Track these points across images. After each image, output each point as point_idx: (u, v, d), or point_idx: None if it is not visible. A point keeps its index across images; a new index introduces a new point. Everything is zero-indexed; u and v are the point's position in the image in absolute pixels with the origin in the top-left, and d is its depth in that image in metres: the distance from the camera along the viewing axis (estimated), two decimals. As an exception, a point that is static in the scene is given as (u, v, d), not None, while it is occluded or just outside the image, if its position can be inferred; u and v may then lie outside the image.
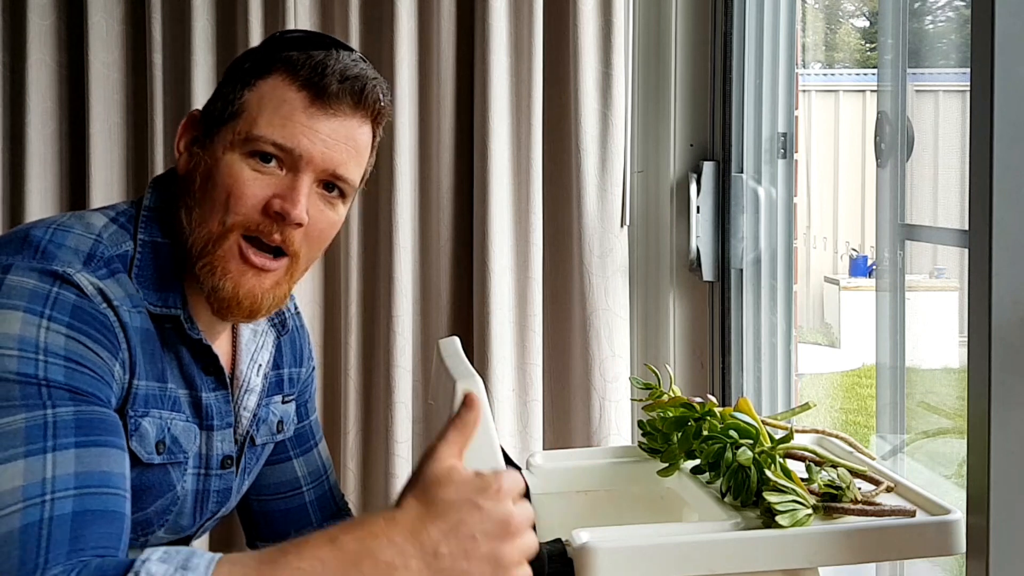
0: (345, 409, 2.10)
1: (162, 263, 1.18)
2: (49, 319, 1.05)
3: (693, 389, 2.01)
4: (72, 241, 1.13)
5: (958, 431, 1.75)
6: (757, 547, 1.10)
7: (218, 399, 1.26)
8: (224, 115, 1.19)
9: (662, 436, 1.33)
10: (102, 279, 1.11)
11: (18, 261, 1.08)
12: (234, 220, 1.16)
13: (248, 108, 1.17)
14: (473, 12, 2.05)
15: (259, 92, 1.18)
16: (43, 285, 1.06)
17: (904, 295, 1.62)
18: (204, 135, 1.21)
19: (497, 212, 2.00)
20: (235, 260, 1.17)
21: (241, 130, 1.17)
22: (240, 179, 1.15)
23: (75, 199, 2.23)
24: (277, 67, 1.19)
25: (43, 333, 1.04)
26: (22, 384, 1.01)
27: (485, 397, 1.15)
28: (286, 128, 1.16)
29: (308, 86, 1.17)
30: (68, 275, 1.08)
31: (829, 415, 4.43)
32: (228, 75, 1.23)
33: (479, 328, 2.02)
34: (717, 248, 1.99)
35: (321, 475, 1.48)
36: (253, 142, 1.16)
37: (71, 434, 1.00)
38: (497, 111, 1.99)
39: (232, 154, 1.16)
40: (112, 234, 1.17)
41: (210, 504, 1.30)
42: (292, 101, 1.17)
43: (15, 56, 2.20)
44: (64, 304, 1.06)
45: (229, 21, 2.16)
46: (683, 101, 2.03)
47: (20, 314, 1.04)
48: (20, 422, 0.99)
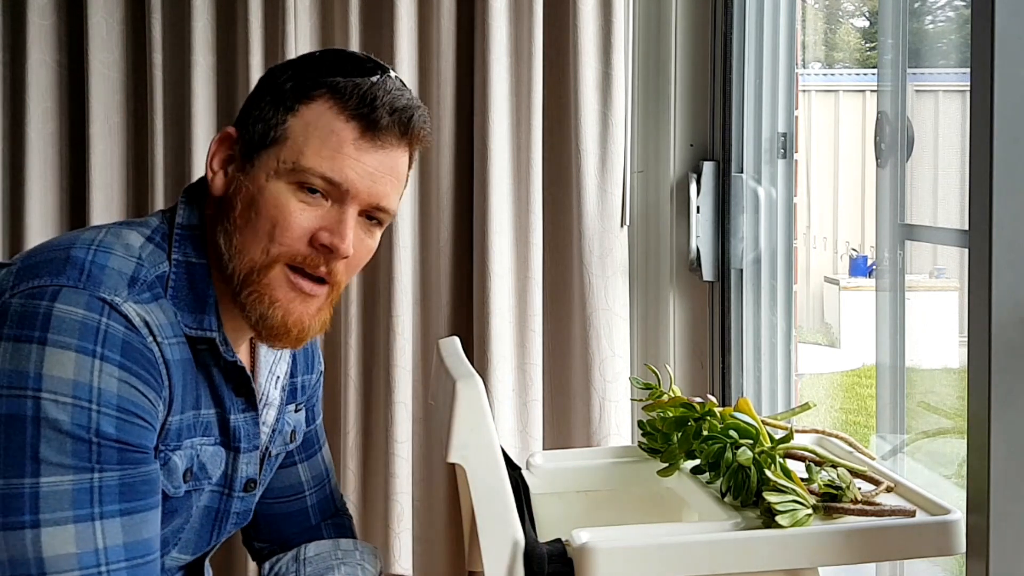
0: (345, 409, 2.10)
1: (197, 284, 1.17)
2: (102, 359, 1.04)
3: (693, 389, 2.01)
4: (115, 263, 1.11)
5: (958, 431, 1.75)
6: (757, 547, 1.10)
7: (247, 421, 1.25)
8: (266, 140, 1.16)
9: (662, 436, 1.33)
10: (146, 303, 1.10)
11: (65, 285, 1.06)
12: (280, 251, 1.15)
13: (293, 136, 1.15)
14: (473, 12, 2.05)
15: (304, 119, 1.15)
16: (92, 315, 1.05)
17: (904, 295, 1.62)
18: (243, 157, 1.18)
19: (497, 212, 2.00)
20: (283, 288, 1.16)
21: (287, 159, 1.15)
22: (287, 210, 1.14)
23: (75, 199, 2.23)
24: (322, 92, 1.16)
25: (96, 377, 1.03)
26: (74, 440, 1.02)
27: (484, 396, 1.15)
28: (335, 161, 1.14)
29: (358, 118, 1.15)
30: (116, 304, 1.07)
31: (829, 415, 4.43)
32: (263, 93, 1.20)
33: (479, 328, 2.02)
34: (717, 248, 1.99)
35: (323, 479, 1.48)
36: (300, 173, 1.14)
37: (116, 500, 1.03)
38: (497, 111, 1.99)
39: (277, 183, 1.15)
40: (150, 254, 1.15)
41: (228, 525, 1.30)
42: (340, 132, 1.15)
43: (15, 56, 2.20)
44: (114, 340, 1.06)
45: (229, 21, 2.16)
46: (683, 101, 2.03)
47: (73, 354, 1.03)
48: (68, 484, 1.01)
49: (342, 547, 1.43)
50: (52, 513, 1.00)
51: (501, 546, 1.12)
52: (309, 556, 1.40)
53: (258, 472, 1.30)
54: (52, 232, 2.21)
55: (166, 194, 2.15)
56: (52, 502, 1.00)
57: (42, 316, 1.04)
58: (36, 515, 1.00)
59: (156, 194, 2.14)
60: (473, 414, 1.16)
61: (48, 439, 1.01)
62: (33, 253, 1.13)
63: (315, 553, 1.41)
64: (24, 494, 1.00)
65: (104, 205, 2.17)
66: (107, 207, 2.17)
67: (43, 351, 1.03)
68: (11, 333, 1.04)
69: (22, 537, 1.00)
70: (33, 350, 1.03)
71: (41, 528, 1.00)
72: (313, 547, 1.42)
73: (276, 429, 1.34)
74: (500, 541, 1.12)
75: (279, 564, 1.42)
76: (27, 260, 1.11)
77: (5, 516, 1.00)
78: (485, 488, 1.14)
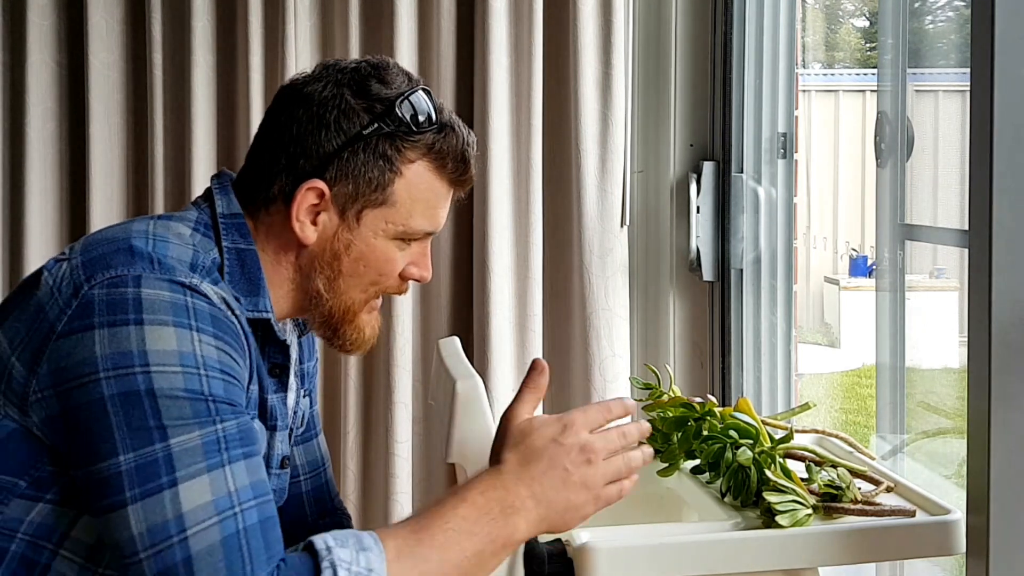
0: (345, 409, 2.10)
1: (248, 269, 1.21)
2: (198, 331, 1.08)
3: (693, 389, 2.01)
4: (174, 252, 1.15)
5: (958, 431, 1.75)
6: (757, 547, 1.11)
7: (280, 401, 1.29)
8: (371, 199, 1.21)
9: (662, 436, 1.33)
10: (213, 285, 1.14)
11: (143, 273, 1.09)
12: (379, 290, 1.26)
13: (400, 200, 1.21)
14: (473, 12, 2.05)
15: (407, 180, 1.21)
16: (177, 296, 1.09)
17: (904, 295, 1.62)
18: (341, 210, 1.22)
19: (497, 212, 2.00)
20: (368, 314, 1.27)
21: (396, 222, 1.22)
22: (394, 261, 1.24)
23: (75, 198, 2.23)
24: (423, 154, 1.22)
25: (197, 346, 1.07)
26: (192, 401, 1.05)
27: (484, 396, 1.16)
28: (436, 218, 1.25)
29: (454, 181, 1.25)
30: (195, 285, 1.11)
31: (829, 415, 4.43)
32: (336, 131, 1.21)
33: (479, 328, 2.02)
34: (717, 248, 1.99)
35: (319, 467, 1.49)
36: (408, 233, 1.23)
37: (238, 446, 1.07)
38: (497, 111, 1.99)
39: (387, 242, 1.23)
40: (200, 242, 1.19)
41: None
42: (439, 191, 1.24)
43: (15, 56, 2.20)
44: (203, 315, 1.09)
45: (229, 21, 2.16)
46: (683, 101, 2.03)
47: (172, 329, 1.07)
48: (196, 439, 1.04)
49: None
50: (187, 468, 1.03)
51: (501, 546, 1.12)
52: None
53: (290, 450, 1.34)
54: (52, 233, 2.21)
55: (166, 194, 2.15)
56: (186, 458, 1.04)
57: (132, 301, 1.07)
58: (173, 474, 1.03)
59: (156, 194, 2.14)
60: (473, 414, 1.16)
61: (167, 406, 1.04)
62: (91, 246, 1.15)
63: None
64: (158, 459, 1.03)
65: (104, 205, 2.17)
66: (107, 207, 2.17)
67: (142, 330, 1.06)
68: (104, 320, 1.06)
69: (161, 500, 1.02)
70: (132, 331, 1.06)
71: (179, 485, 1.03)
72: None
73: (296, 411, 1.37)
74: (500, 541, 1.12)
75: None
76: (89, 253, 1.13)
77: (144, 485, 1.03)
78: (485, 488, 1.13)
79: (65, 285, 1.10)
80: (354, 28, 2.08)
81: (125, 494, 1.03)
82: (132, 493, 1.02)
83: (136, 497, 1.02)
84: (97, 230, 1.23)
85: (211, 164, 2.13)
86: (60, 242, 2.21)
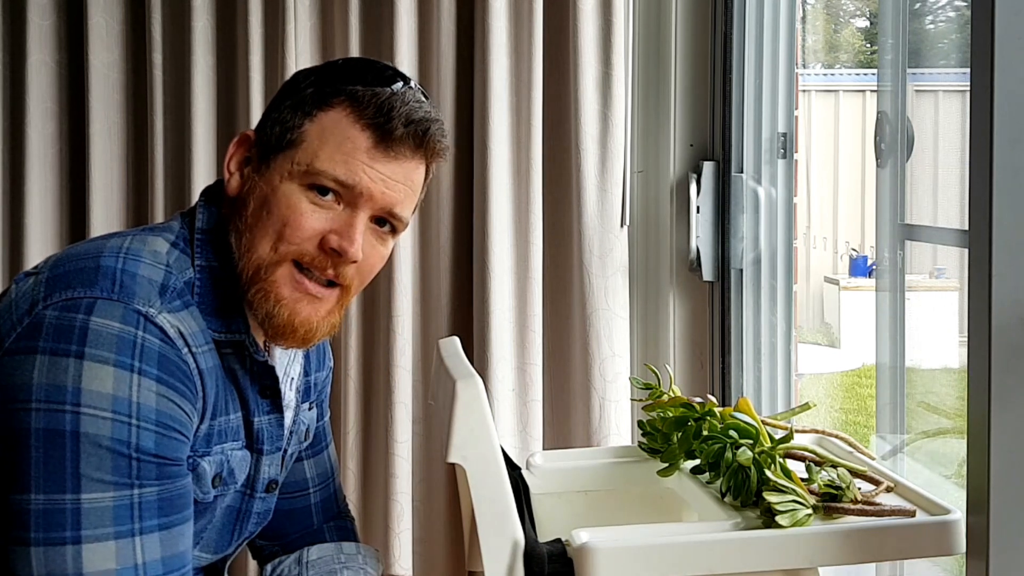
0: (345, 409, 2.10)
1: (221, 288, 1.17)
2: (140, 373, 1.05)
3: (693, 389, 2.01)
4: (145, 271, 1.11)
5: (958, 431, 1.75)
6: (757, 547, 1.11)
7: (271, 423, 1.25)
8: (282, 142, 1.17)
9: (662, 436, 1.33)
10: (178, 312, 1.11)
11: (99, 297, 1.06)
12: (288, 249, 1.16)
13: (308, 139, 1.16)
14: (473, 12, 2.05)
15: (321, 124, 1.17)
16: (128, 328, 1.06)
17: (904, 295, 1.62)
18: (259, 159, 1.19)
19: (497, 212, 2.00)
20: (288, 287, 1.17)
21: (301, 161, 1.16)
22: (298, 210, 1.15)
23: (75, 198, 2.23)
24: (341, 100, 1.17)
25: (135, 392, 1.04)
26: (114, 455, 1.02)
27: (484, 396, 1.15)
28: (348, 165, 1.15)
29: (373, 127, 1.16)
30: (151, 316, 1.07)
31: (829, 415, 4.43)
32: (284, 98, 1.21)
33: (479, 328, 2.02)
34: (717, 248, 1.99)
35: (328, 477, 1.48)
36: (313, 175, 1.16)
37: (154, 516, 1.04)
38: (497, 111, 1.99)
39: (290, 184, 1.16)
40: (176, 260, 1.16)
41: (249, 525, 1.30)
42: (355, 140, 1.16)
43: (15, 56, 2.20)
44: (151, 354, 1.06)
45: (229, 21, 2.16)
46: (683, 101, 2.03)
47: (111, 369, 1.03)
48: (108, 500, 1.02)
49: (345, 551, 1.43)
50: (94, 529, 1.01)
51: (501, 546, 1.12)
52: (312, 559, 1.40)
53: (279, 472, 1.31)
54: (52, 233, 2.21)
55: (166, 194, 2.15)
56: (94, 518, 1.01)
57: (79, 330, 1.04)
58: (78, 531, 1.00)
59: (156, 194, 2.14)
60: (473, 414, 1.16)
61: (88, 454, 1.01)
62: (60, 261, 1.13)
63: (318, 556, 1.41)
64: (66, 510, 1.01)
65: (104, 205, 2.17)
66: (107, 207, 2.17)
67: (81, 365, 1.03)
68: (47, 346, 1.04)
69: (63, 553, 1.00)
70: (71, 364, 1.03)
71: (83, 544, 1.00)
72: (316, 550, 1.42)
73: (293, 430, 1.34)
74: (500, 541, 1.12)
75: (281, 566, 1.42)
76: (55, 269, 1.11)
77: (47, 532, 1.00)
78: (485, 488, 1.14)
79: (23, 300, 1.08)
80: (354, 28, 2.08)
81: (31, 534, 1.01)
82: (36, 536, 1.00)
83: (40, 541, 1.00)
84: (78, 242, 1.21)
85: (211, 164, 2.13)
86: (60, 242, 2.21)
